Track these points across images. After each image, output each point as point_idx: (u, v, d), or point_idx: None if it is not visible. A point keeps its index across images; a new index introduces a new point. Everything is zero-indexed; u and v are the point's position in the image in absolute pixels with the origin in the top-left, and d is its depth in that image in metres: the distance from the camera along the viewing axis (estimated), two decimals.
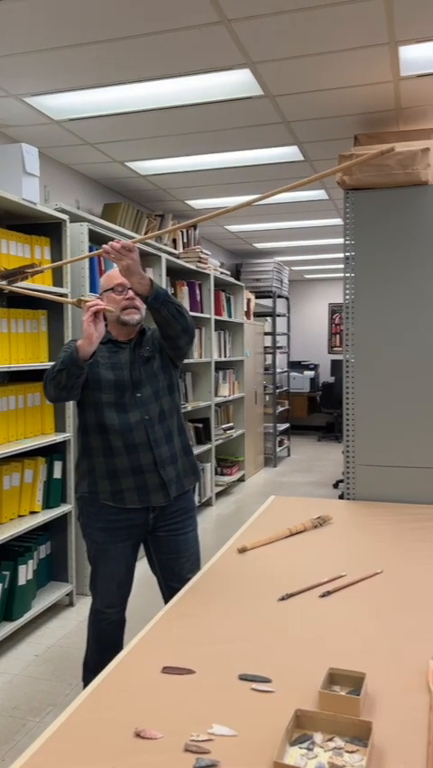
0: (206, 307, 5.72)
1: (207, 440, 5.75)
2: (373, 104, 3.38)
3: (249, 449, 6.97)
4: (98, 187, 4.93)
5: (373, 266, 2.82)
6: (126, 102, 3.36)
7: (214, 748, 1.08)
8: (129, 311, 2.19)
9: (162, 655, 1.41)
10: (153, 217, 5.11)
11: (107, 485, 2.20)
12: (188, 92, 3.23)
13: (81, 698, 1.25)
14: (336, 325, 10.83)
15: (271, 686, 1.28)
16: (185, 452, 2.33)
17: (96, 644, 2.33)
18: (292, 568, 1.94)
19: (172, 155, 4.27)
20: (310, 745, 1.08)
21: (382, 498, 2.78)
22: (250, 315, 7.22)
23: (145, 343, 2.28)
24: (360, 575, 1.87)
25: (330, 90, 3.22)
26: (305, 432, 10.43)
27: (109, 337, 2.26)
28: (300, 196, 5.36)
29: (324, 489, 6.36)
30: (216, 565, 1.99)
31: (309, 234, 7.02)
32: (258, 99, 3.32)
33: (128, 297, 2.19)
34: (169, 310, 2.11)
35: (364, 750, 1.06)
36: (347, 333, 2.87)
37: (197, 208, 5.74)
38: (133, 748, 1.09)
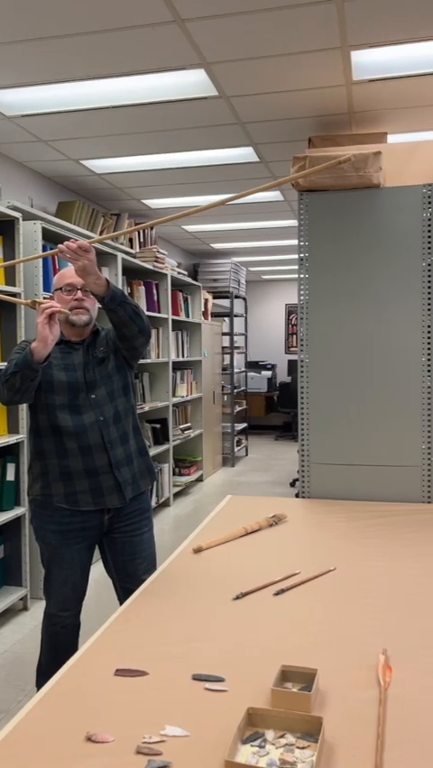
0: (163, 307, 5.70)
1: (164, 440, 5.73)
2: (327, 107, 3.43)
3: (207, 449, 6.98)
4: (52, 185, 4.86)
5: (327, 267, 2.85)
6: (81, 99, 3.32)
7: (166, 749, 1.08)
8: (77, 311, 2.16)
9: (116, 658, 1.39)
10: (109, 216, 5.06)
11: (61, 487, 2.17)
12: (142, 91, 3.22)
13: (32, 703, 1.23)
14: (293, 326, 10.94)
15: (224, 685, 1.28)
16: (140, 453, 2.31)
17: (49, 648, 2.29)
18: (247, 567, 1.95)
19: (128, 154, 4.24)
20: (262, 742, 1.08)
21: (337, 495, 2.82)
22: (207, 316, 7.23)
23: (99, 344, 2.26)
24: (314, 573, 1.89)
25: (285, 92, 3.25)
26: (262, 431, 10.50)
27: (62, 338, 2.23)
28: (256, 197, 5.39)
29: (281, 488, 6.41)
30: (171, 566, 1.98)
31: (266, 235, 7.07)
32: (213, 100, 3.33)
33: (77, 298, 2.16)
34: (125, 311, 2.09)
35: (315, 745, 1.07)
36: (302, 333, 2.90)
37: (153, 208, 5.72)
38: (85, 753, 1.07)
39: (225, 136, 3.90)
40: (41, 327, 1.96)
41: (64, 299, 2.17)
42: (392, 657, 1.38)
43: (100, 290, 2.03)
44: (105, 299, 2.05)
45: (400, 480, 2.76)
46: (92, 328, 2.26)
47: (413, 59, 2.88)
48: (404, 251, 2.75)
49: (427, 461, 2.73)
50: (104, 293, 2.04)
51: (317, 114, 3.56)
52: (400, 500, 2.74)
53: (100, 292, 2.04)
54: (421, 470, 2.74)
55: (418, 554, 2.04)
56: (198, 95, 3.26)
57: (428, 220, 2.72)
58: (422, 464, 2.74)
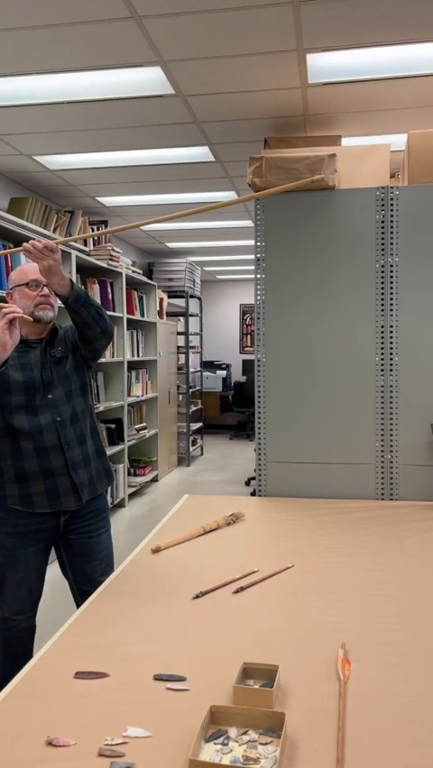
0: (117, 306, 5.65)
1: (119, 440, 5.68)
2: (282, 108, 3.46)
3: (162, 449, 6.95)
4: (4, 180, 4.76)
5: (283, 267, 2.88)
6: (36, 93, 3.26)
7: (129, 751, 1.07)
8: (43, 307, 2.12)
9: (75, 660, 1.38)
10: (63, 213, 4.99)
11: (16, 489, 2.12)
12: (99, 87, 3.18)
13: None
14: (248, 326, 11.01)
15: (186, 684, 1.28)
16: (98, 454, 2.29)
17: (4, 652, 2.24)
18: (206, 566, 1.95)
19: (82, 150, 4.19)
20: (225, 740, 1.09)
21: (293, 493, 2.85)
22: (163, 315, 7.20)
23: (57, 343, 2.22)
24: (272, 570, 1.90)
25: (241, 93, 3.26)
26: (217, 431, 10.54)
27: (20, 337, 2.19)
28: (211, 197, 5.40)
29: (236, 487, 6.44)
30: (129, 566, 1.97)
31: (221, 235, 7.10)
32: (169, 98, 3.32)
33: (43, 294, 2.12)
34: (89, 312, 2.07)
35: (278, 741, 1.08)
36: (258, 333, 2.92)
37: (108, 205, 5.66)
38: (46, 757, 1.05)
39: (181, 135, 3.89)
40: (0, 332, 1.92)
41: (29, 295, 2.11)
42: (351, 651, 1.40)
43: (64, 291, 2.00)
44: (69, 300, 2.02)
45: (354, 477, 2.81)
46: (50, 326, 2.22)
47: (367, 63, 2.93)
48: (359, 253, 2.80)
49: (380, 458, 2.79)
50: (68, 293, 2.01)
51: (273, 116, 3.59)
52: (355, 497, 2.79)
53: (64, 293, 2.01)
54: (375, 468, 2.79)
55: (374, 550, 2.08)
56: (155, 92, 3.24)
57: (382, 222, 2.78)
58: (376, 462, 2.79)
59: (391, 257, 2.77)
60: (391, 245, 2.77)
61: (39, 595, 2.25)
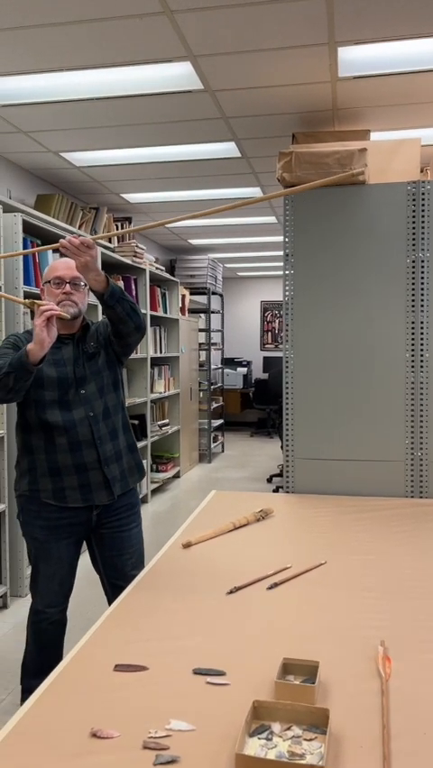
0: (141, 302, 5.66)
1: (142, 436, 5.70)
2: (311, 103, 3.44)
3: (184, 445, 6.96)
4: (31, 177, 4.79)
5: (312, 263, 2.86)
6: (63, 90, 3.27)
7: (173, 744, 1.07)
8: (65, 304, 2.12)
9: (113, 654, 1.38)
10: (88, 210, 5.01)
11: (49, 483, 2.14)
12: (126, 83, 3.18)
13: (32, 700, 1.21)
14: (268, 323, 10.97)
15: (225, 679, 1.28)
16: (130, 449, 2.30)
17: (35, 644, 2.26)
18: (238, 561, 1.95)
19: (108, 147, 4.20)
20: (269, 735, 1.08)
21: (321, 490, 2.83)
22: (185, 312, 7.21)
23: (90, 339, 2.23)
24: (305, 566, 1.90)
25: (269, 87, 3.25)
26: (238, 428, 10.52)
27: None
28: (236, 193, 5.39)
29: (258, 484, 6.43)
30: (161, 561, 1.97)
31: (243, 232, 7.07)
32: (198, 93, 3.31)
33: (65, 291, 2.13)
34: (123, 308, 2.08)
35: (322, 737, 1.07)
36: (287, 329, 2.91)
37: (132, 202, 5.67)
38: (91, 749, 1.06)
39: (208, 131, 3.88)
40: (38, 329, 1.92)
41: (53, 292, 2.14)
42: (390, 649, 1.39)
43: (100, 287, 2.01)
44: (105, 296, 2.02)
45: (384, 474, 2.78)
46: (81, 322, 2.23)
47: (399, 56, 2.90)
48: (389, 248, 2.78)
49: (411, 456, 2.76)
50: (103, 289, 2.01)
51: (301, 111, 3.56)
52: (384, 495, 2.76)
53: (100, 289, 2.01)
54: (405, 465, 2.77)
55: (407, 547, 2.06)
56: (183, 88, 3.23)
57: (412, 217, 2.75)
58: (406, 459, 2.77)
59: (421, 252, 2.74)
60: (423, 240, 2.74)
61: (70, 588, 2.27)
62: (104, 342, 2.24)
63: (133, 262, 5.37)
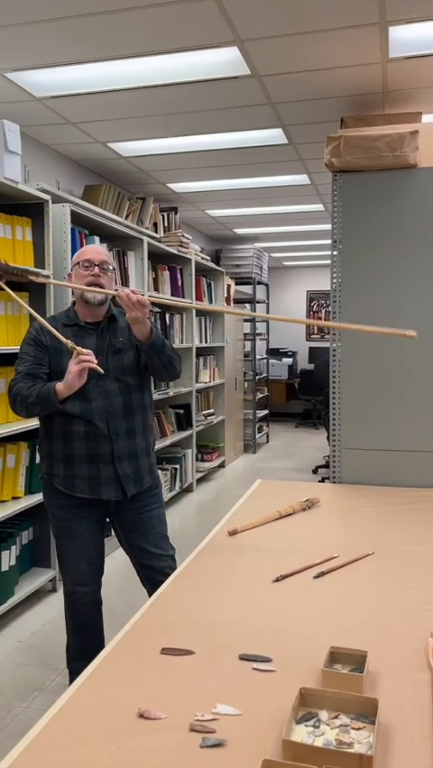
0: (187, 292, 5.67)
1: (187, 426, 5.73)
2: (360, 86, 3.37)
3: (229, 435, 6.97)
4: (79, 168, 4.84)
5: (361, 250, 2.81)
6: (110, 79, 3.29)
7: (219, 727, 1.07)
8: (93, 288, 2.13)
9: (159, 637, 1.39)
10: (135, 200, 5.04)
11: (62, 469, 2.18)
12: (173, 70, 3.18)
13: (80, 680, 1.23)
14: (315, 313, 10.86)
15: (272, 665, 1.27)
16: (147, 451, 2.29)
17: (73, 626, 2.30)
18: (284, 550, 1.94)
19: (154, 136, 4.21)
20: (316, 722, 1.07)
21: (368, 481, 2.79)
22: (230, 302, 7.19)
23: (119, 333, 2.22)
24: (352, 556, 1.87)
25: (317, 71, 3.19)
26: (283, 419, 10.47)
27: (76, 321, 2.21)
28: (282, 180, 5.33)
29: (303, 475, 6.39)
30: (207, 548, 1.97)
31: (290, 220, 7.00)
32: (244, 79, 3.28)
33: (93, 274, 2.14)
34: (160, 360, 2.13)
35: (371, 727, 1.06)
36: (334, 317, 2.86)
37: (178, 192, 5.68)
38: (138, 729, 1.07)
39: (255, 117, 3.85)
40: (72, 376, 1.97)
41: (81, 274, 2.15)
42: None
43: (143, 338, 2.07)
44: (144, 347, 2.08)
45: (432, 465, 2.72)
46: (108, 311, 2.23)
47: None
48: None
49: None
50: (145, 340, 2.07)
51: (350, 94, 3.49)
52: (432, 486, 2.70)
53: (143, 339, 2.07)
54: None
55: None
56: (230, 74, 3.21)
57: None
58: None
59: None
60: None
61: (100, 567, 2.30)
62: (136, 346, 2.22)
63: (179, 252, 5.38)
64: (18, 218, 3.25)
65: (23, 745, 1.03)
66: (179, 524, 4.69)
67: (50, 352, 2.17)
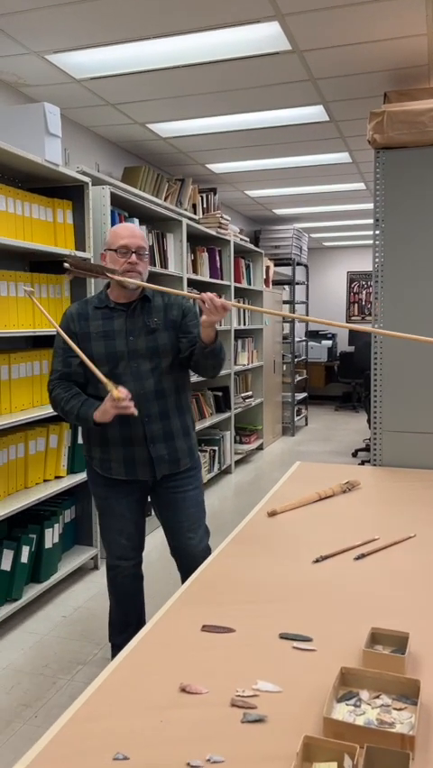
0: (225, 274, 5.65)
1: (226, 408, 5.74)
2: (405, 59, 3.27)
3: (267, 418, 6.96)
4: (118, 150, 4.85)
5: (405, 229, 2.74)
6: (149, 59, 3.27)
7: (260, 704, 1.08)
8: (129, 274, 2.10)
9: (200, 614, 1.41)
10: (174, 182, 5.02)
11: (98, 452, 2.22)
12: (212, 48, 3.14)
13: (122, 655, 1.25)
14: (355, 294, 10.70)
15: (312, 645, 1.27)
16: (184, 432, 2.26)
17: (115, 599, 2.36)
18: (324, 531, 1.93)
19: (193, 116, 4.17)
20: (357, 702, 1.07)
21: (409, 464, 2.75)
22: (269, 283, 7.14)
23: (153, 313, 2.19)
24: (393, 539, 1.85)
25: (360, 44, 3.11)
26: (322, 402, 10.39)
27: (106, 303, 2.19)
28: (323, 159, 5.24)
29: (343, 458, 6.35)
30: (246, 528, 1.98)
31: (330, 200, 6.89)
32: (285, 55, 3.22)
33: (130, 261, 2.11)
34: (213, 363, 2.11)
35: (412, 708, 1.05)
36: (376, 298, 2.81)
37: (217, 172, 5.64)
38: (180, 702, 1.09)
39: (295, 94, 3.78)
40: (108, 416, 2.03)
41: (117, 261, 2.12)
42: None
43: (208, 340, 2.04)
44: (207, 349, 2.06)
45: None
46: (141, 292, 2.19)
47: None
48: None
49: None
50: (210, 343, 2.05)
51: (394, 68, 3.39)
52: None
53: (207, 342, 2.04)
54: None
55: None
56: (271, 50, 3.15)
57: None
58: None
59: None
60: None
61: (140, 543, 2.34)
62: (171, 325, 2.19)
63: (218, 234, 5.36)
64: (59, 201, 3.28)
65: (68, 716, 1.06)
66: (218, 504, 4.72)
67: (79, 338, 2.17)
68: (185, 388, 2.29)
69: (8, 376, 2.97)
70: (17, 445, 3.08)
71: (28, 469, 3.14)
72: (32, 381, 3.15)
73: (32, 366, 3.14)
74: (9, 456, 3.02)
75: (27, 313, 3.06)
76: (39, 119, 3.04)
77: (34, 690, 2.40)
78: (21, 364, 3.06)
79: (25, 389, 3.09)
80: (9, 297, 2.94)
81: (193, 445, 2.32)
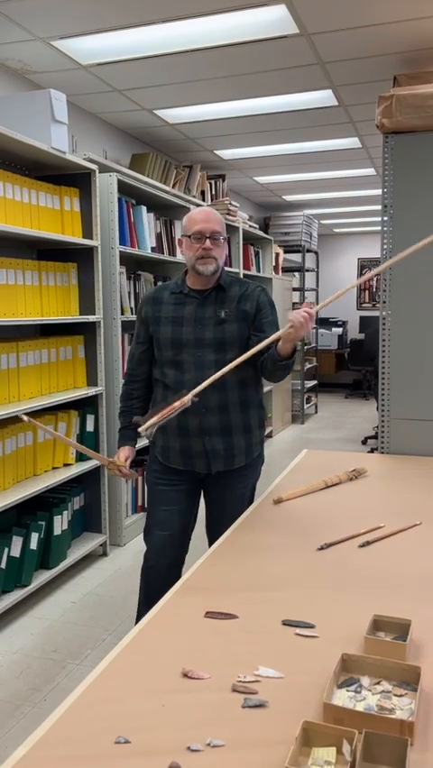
0: (234, 261, 5.63)
1: None
2: (415, 41, 3.22)
3: (277, 405, 6.96)
4: (126, 137, 4.83)
5: (414, 215, 2.71)
6: (156, 44, 3.24)
7: (261, 689, 1.09)
8: (204, 261, 2.05)
9: (204, 601, 1.41)
10: (181, 168, 4.99)
11: (160, 440, 2.19)
12: (219, 32, 3.10)
13: (127, 639, 1.26)
14: (366, 281, 10.62)
15: (314, 631, 1.28)
16: (246, 429, 2.17)
17: (143, 593, 2.29)
18: (329, 519, 1.94)
19: (201, 101, 4.14)
20: (358, 687, 1.08)
21: (417, 452, 2.74)
22: (279, 270, 7.10)
23: (226, 304, 2.12)
24: (398, 526, 1.85)
25: (370, 27, 3.06)
26: (332, 389, 10.37)
27: (181, 289, 2.15)
28: (332, 144, 5.19)
29: (352, 446, 6.34)
30: (252, 515, 1.99)
31: (340, 185, 6.83)
32: (293, 38, 3.18)
33: (205, 247, 2.05)
34: (279, 373, 2.07)
35: (413, 694, 1.06)
36: (385, 286, 2.79)
37: (225, 158, 5.60)
38: (182, 687, 1.10)
39: (304, 78, 3.73)
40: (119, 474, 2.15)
41: (192, 247, 2.07)
42: None
43: (285, 354, 1.98)
44: (281, 362, 2.00)
45: None
46: (217, 280, 2.13)
47: None
48: None
49: None
50: (287, 357, 1.99)
51: (404, 50, 3.34)
52: None
53: (285, 355, 1.98)
54: None
55: None
56: (278, 33, 3.11)
57: None
58: None
59: None
60: None
61: (181, 541, 2.25)
62: (242, 317, 2.12)
63: (226, 220, 5.33)
64: (66, 188, 3.27)
65: (72, 700, 1.07)
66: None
67: (149, 322, 2.17)
68: (251, 383, 2.19)
69: (16, 364, 2.99)
70: (26, 433, 3.10)
71: (36, 456, 3.17)
72: (41, 369, 3.16)
73: (39, 354, 3.16)
74: (18, 444, 3.04)
75: (35, 301, 3.07)
76: (45, 106, 3.03)
77: (44, 674, 2.43)
78: (29, 352, 3.07)
79: (34, 377, 3.11)
80: (17, 286, 2.94)
81: (253, 444, 2.21)
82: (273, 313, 2.19)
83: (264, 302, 2.18)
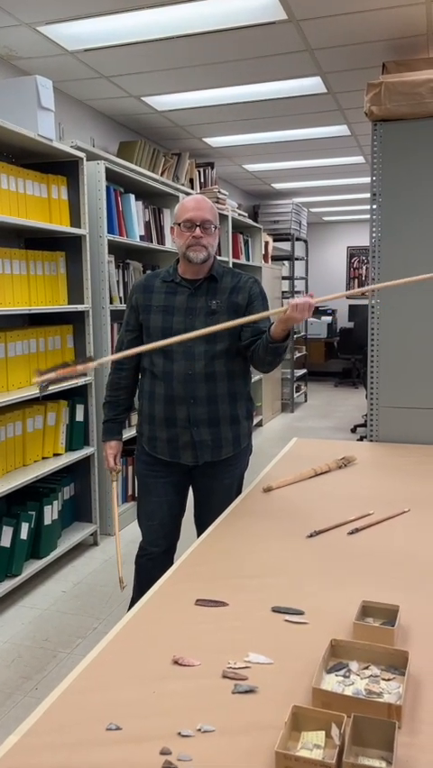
0: (223, 250, 5.61)
1: None
2: (404, 28, 3.20)
3: (266, 394, 6.97)
4: (113, 124, 4.78)
5: (402, 203, 2.72)
6: (143, 30, 3.21)
7: (251, 675, 1.10)
8: (194, 248, 2.05)
9: (194, 589, 1.42)
10: (170, 156, 4.96)
11: (147, 429, 2.19)
12: (207, 18, 3.07)
13: (118, 627, 1.27)
14: (355, 269, 10.63)
15: (304, 618, 1.29)
16: (233, 420, 2.16)
17: (136, 580, 2.32)
18: (319, 507, 1.95)
19: (189, 88, 4.10)
20: (346, 672, 1.09)
21: (405, 439, 2.76)
22: (268, 259, 7.09)
23: (218, 294, 2.11)
24: (387, 514, 1.87)
25: (358, 13, 3.04)
26: (322, 378, 10.39)
27: (173, 278, 2.14)
28: (321, 132, 5.17)
29: (342, 434, 6.37)
30: (242, 504, 2.00)
31: (330, 173, 6.81)
32: (281, 25, 3.15)
33: (195, 235, 2.04)
34: (272, 359, 2.06)
35: (401, 678, 1.07)
36: (373, 274, 2.80)
37: (214, 146, 5.56)
38: (172, 674, 1.11)
39: (292, 65, 3.71)
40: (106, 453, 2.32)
41: (183, 235, 2.06)
42: None
43: (278, 336, 1.98)
44: (272, 344, 1.99)
45: None
46: (209, 269, 2.12)
47: None
48: None
49: None
50: (280, 340, 1.98)
51: (392, 37, 3.33)
52: None
53: (277, 338, 1.98)
54: None
55: None
56: (267, 19, 3.09)
57: None
58: None
59: None
60: None
61: (172, 531, 2.28)
62: (233, 309, 2.11)
63: None
64: (53, 177, 3.24)
65: (63, 687, 1.08)
66: None
67: (140, 310, 2.17)
68: (240, 374, 2.19)
69: (5, 354, 2.97)
70: (15, 423, 3.09)
71: (26, 446, 3.16)
72: (29, 359, 3.15)
73: (28, 344, 3.14)
74: (7, 434, 3.03)
75: (23, 290, 3.05)
76: (31, 93, 2.99)
77: (35, 663, 2.44)
78: (18, 342, 3.06)
79: (22, 367, 3.09)
80: (4, 275, 2.92)
81: (241, 435, 2.20)
82: (265, 304, 2.18)
83: (256, 293, 2.17)
